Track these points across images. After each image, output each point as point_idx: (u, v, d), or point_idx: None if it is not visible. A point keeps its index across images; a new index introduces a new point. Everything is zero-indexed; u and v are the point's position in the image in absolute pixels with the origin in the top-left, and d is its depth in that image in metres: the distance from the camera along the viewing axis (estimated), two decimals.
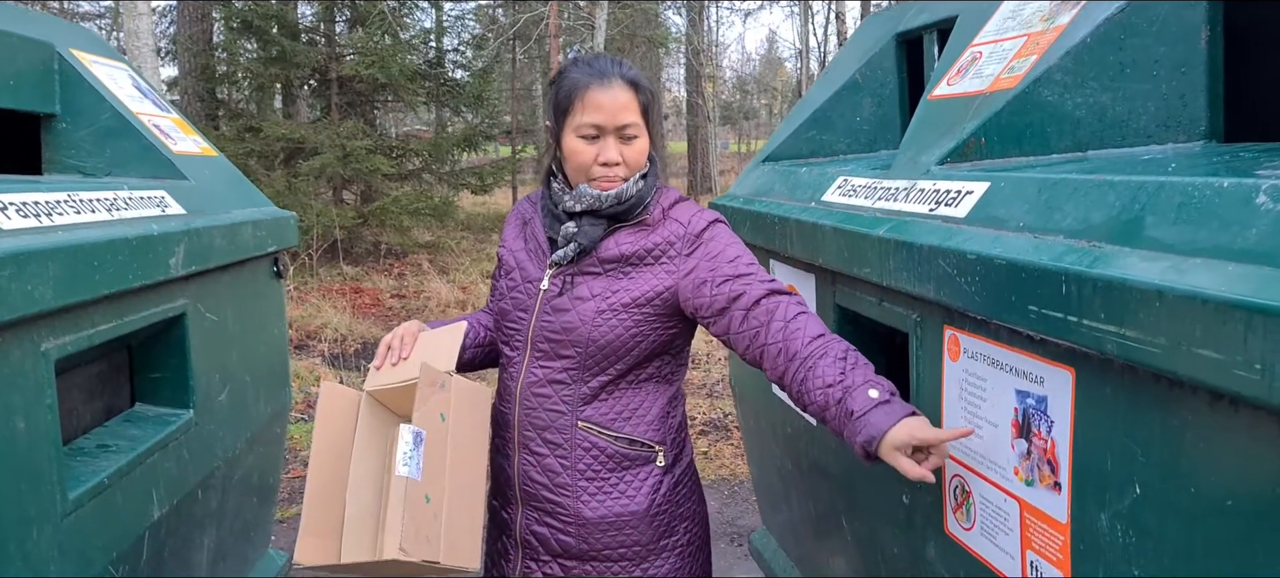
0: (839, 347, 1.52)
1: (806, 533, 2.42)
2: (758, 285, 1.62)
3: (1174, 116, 1.49)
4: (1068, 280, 1.10)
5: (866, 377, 1.46)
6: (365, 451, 1.67)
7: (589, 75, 1.69)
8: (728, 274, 1.64)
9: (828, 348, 1.51)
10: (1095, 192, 1.20)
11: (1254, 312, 0.83)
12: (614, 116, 1.66)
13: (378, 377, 1.77)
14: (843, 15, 16.47)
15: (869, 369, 1.49)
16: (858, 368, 1.48)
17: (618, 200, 1.69)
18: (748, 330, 1.60)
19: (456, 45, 15.60)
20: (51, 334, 1.49)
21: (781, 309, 1.58)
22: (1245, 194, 0.97)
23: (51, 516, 1.47)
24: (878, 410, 1.41)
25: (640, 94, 1.70)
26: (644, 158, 1.73)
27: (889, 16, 2.64)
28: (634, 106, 1.69)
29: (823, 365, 1.49)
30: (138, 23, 5.84)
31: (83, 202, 1.70)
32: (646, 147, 1.73)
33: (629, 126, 1.68)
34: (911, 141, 1.83)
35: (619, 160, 1.68)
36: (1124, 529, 1.09)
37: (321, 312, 8.18)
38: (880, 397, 1.42)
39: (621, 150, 1.68)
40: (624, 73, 1.71)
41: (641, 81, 1.72)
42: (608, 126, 1.67)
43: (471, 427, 1.71)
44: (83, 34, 2.47)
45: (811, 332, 1.54)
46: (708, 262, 1.66)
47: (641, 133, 1.71)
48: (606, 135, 1.67)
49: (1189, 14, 1.47)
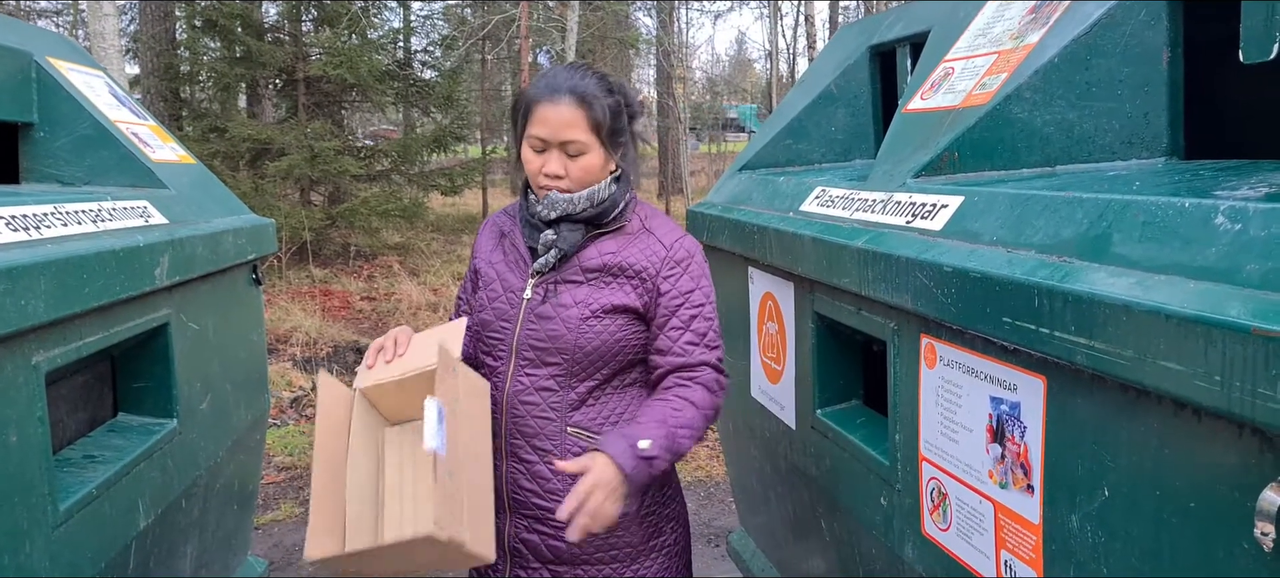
0: (679, 405, 1.66)
1: (785, 534, 2.47)
2: (700, 355, 1.71)
3: (1138, 134, 1.55)
4: (1040, 294, 1.16)
5: (659, 432, 1.60)
6: (360, 451, 1.67)
7: (541, 89, 1.72)
8: (684, 325, 1.72)
9: (672, 398, 1.67)
10: (1065, 208, 1.26)
11: (1213, 327, 0.89)
12: (557, 132, 1.68)
13: (371, 374, 1.75)
14: (812, 17, 16.62)
15: (676, 435, 1.62)
16: (666, 424, 1.62)
17: (590, 202, 1.71)
18: (659, 368, 1.73)
19: (425, 45, 15.52)
20: (42, 347, 1.49)
21: (689, 390, 1.68)
22: (1205, 214, 1.03)
23: (43, 527, 1.48)
24: (622, 442, 1.57)
25: (590, 110, 1.68)
26: (594, 173, 1.72)
27: (862, 28, 2.70)
28: (580, 123, 1.68)
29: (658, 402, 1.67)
30: (103, 24, 5.75)
31: (68, 214, 1.70)
32: (597, 162, 1.71)
33: (571, 143, 1.68)
34: (887, 154, 1.89)
35: (561, 173, 1.69)
36: (1094, 530, 1.15)
37: (291, 315, 8.11)
38: (646, 450, 1.57)
39: (566, 165, 1.70)
40: (575, 88, 1.69)
41: (592, 96, 1.69)
42: (551, 141, 1.69)
43: (480, 417, 1.71)
44: (60, 42, 2.46)
45: (685, 399, 1.67)
46: (680, 299, 1.72)
47: (589, 149, 1.69)
48: (551, 149, 1.70)
49: (1151, 35, 1.54)
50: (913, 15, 2.37)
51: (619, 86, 1.79)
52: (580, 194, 1.71)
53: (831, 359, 2.02)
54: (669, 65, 18.13)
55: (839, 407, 2.03)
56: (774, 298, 2.23)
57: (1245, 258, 0.94)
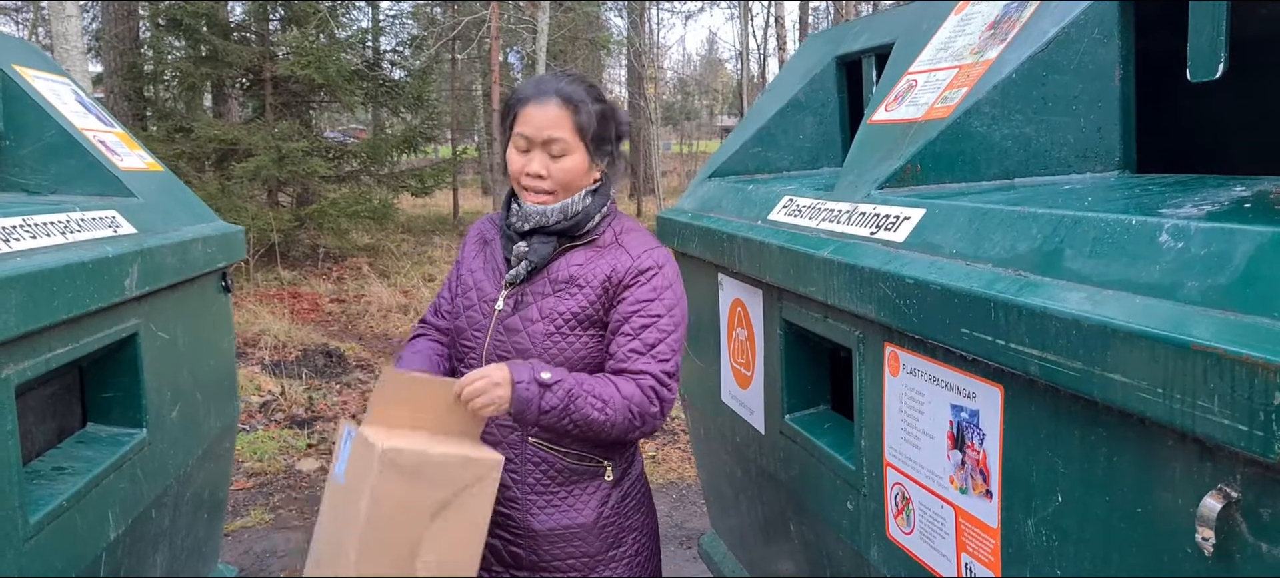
0: (601, 379, 1.69)
1: (755, 537, 2.51)
2: (642, 364, 1.69)
3: (1091, 148, 1.61)
4: (996, 307, 1.20)
5: (567, 379, 1.64)
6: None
7: (529, 90, 1.76)
8: (634, 333, 1.71)
9: (599, 376, 1.71)
10: (1021, 223, 1.31)
11: (1156, 342, 0.94)
12: (540, 131, 1.71)
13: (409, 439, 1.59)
14: (782, 19, 16.75)
15: (584, 393, 1.64)
16: (579, 380, 1.65)
17: (563, 215, 1.74)
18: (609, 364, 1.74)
19: (394, 45, 15.43)
20: (11, 360, 1.49)
21: (619, 380, 1.69)
22: (1150, 232, 1.08)
23: (14, 540, 1.47)
24: (527, 364, 1.64)
25: (577, 112, 1.72)
26: (576, 176, 1.74)
27: (829, 38, 2.75)
28: (565, 123, 1.71)
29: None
30: (66, 25, 5.65)
31: (37, 225, 1.69)
32: (580, 165, 1.74)
33: (555, 142, 1.71)
34: (852, 165, 1.93)
35: (544, 173, 1.72)
36: (1048, 534, 1.19)
37: (259, 318, 8.04)
38: (545, 378, 1.62)
39: (548, 165, 1.72)
40: (561, 89, 1.73)
41: (579, 100, 1.73)
42: (535, 139, 1.72)
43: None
44: (25, 49, 2.43)
45: (609, 381, 1.69)
46: (634, 306, 1.71)
47: (572, 150, 1.73)
48: (534, 148, 1.72)
49: (1104, 53, 1.59)
50: (877, 27, 2.42)
51: (610, 100, 1.83)
52: (554, 206, 1.73)
53: (799, 366, 2.06)
54: (640, 66, 18.17)
55: (807, 412, 2.07)
56: (743, 305, 2.26)
57: (1187, 275, 0.98)
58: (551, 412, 1.61)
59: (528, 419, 1.63)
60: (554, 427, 1.65)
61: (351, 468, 1.58)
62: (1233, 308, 0.90)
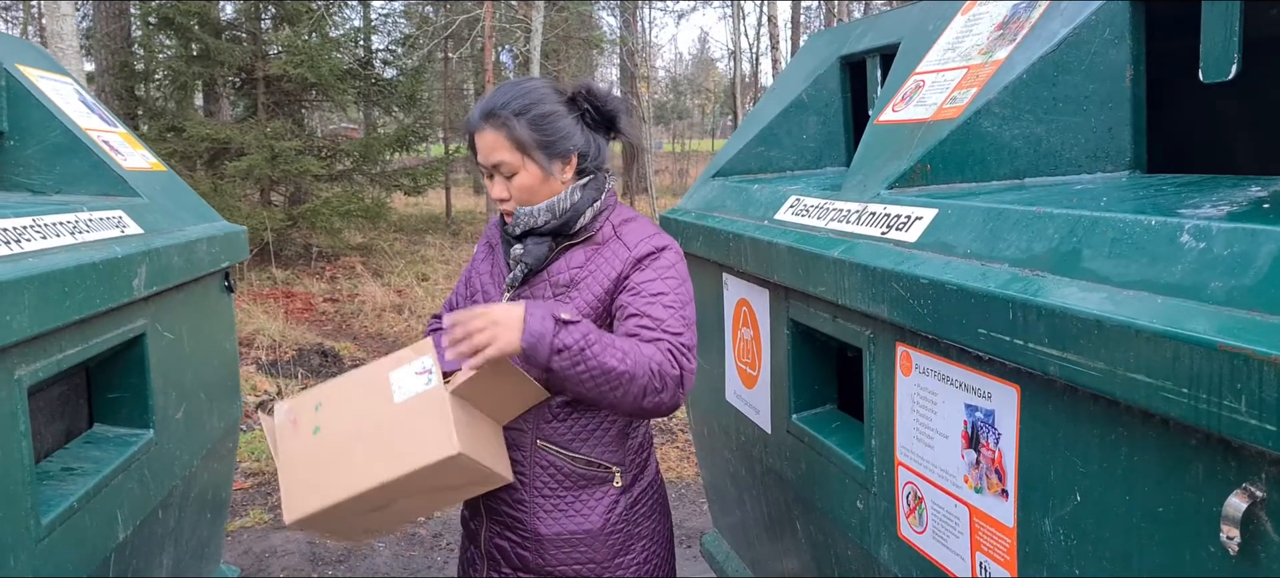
0: (619, 336, 1.59)
1: (759, 535, 2.51)
2: (652, 336, 1.61)
3: (1103, 148, 1.62)
4: (1013, 307, 1.21)
5: (586, 325, 1.53)
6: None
7: (471, 116, 1.75)
8: (638, 312, 1.64)
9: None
10: (1036, 223, 1.31)
11: (1181, 342, 0.94)
12: (485, 158, 1.72)
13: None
14: (774, 18, 16.75)
15: (605, 341, 1.53)
16: (599, 331, 1.54)
17: (551, 214, 1.71)
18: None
19: (387, 44, 15.39)
20: (24, 361, 1.48)
21: (639, 338, 1.60)
22: (1171, 232, 1.08)
23: (26, 541, 1.47)
24: (545, 305, 1.54)
25: (508, 129, 1.67)
26: (532, 191, 1.71)
27: (832, 38, 2.75)
28: (501, 145, 1.68)
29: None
30: (61, 24, 5.62)
31: (47, 226, 1.68)
32: (533, 178, 1.70)
33: (500, 165, 1.70)
34: (860, 165, 1.94)
35: (505, 196, 1.72)
36: (1066, 533, 1.20)
37: (253, 317, 8.01)
38: (565, 316, 1.51)
39: (506, 187, 1.72)
40: (487, 109, 1.69)
41: (505, 116, 1.68)
42: (486, 166, 1.73)
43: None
44: (28, 49, 2.42)
45: (629, 336, 1.60)
46: (633, 293, 1.66)
47: (519, 168, 1.69)
48: (493, 173, 1.73)
49: (1115, 54, 1.60)
50: (882, 27, 2.42)
51: (554, 92, 1.74)
52: (540, 206, 1.71)
53: (807, 365, 2.06)
54: (632, 65, 18.17)
55: (814, 411, 2.07)
56: (749, 304, 2.27)
57: (1210, 276, 0.99)
58: (566, 352, 1.48)
59: (540, 357, 1.49)
60: (568, 375, 1.50)
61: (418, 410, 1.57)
62: (1259, 308, 0.91)
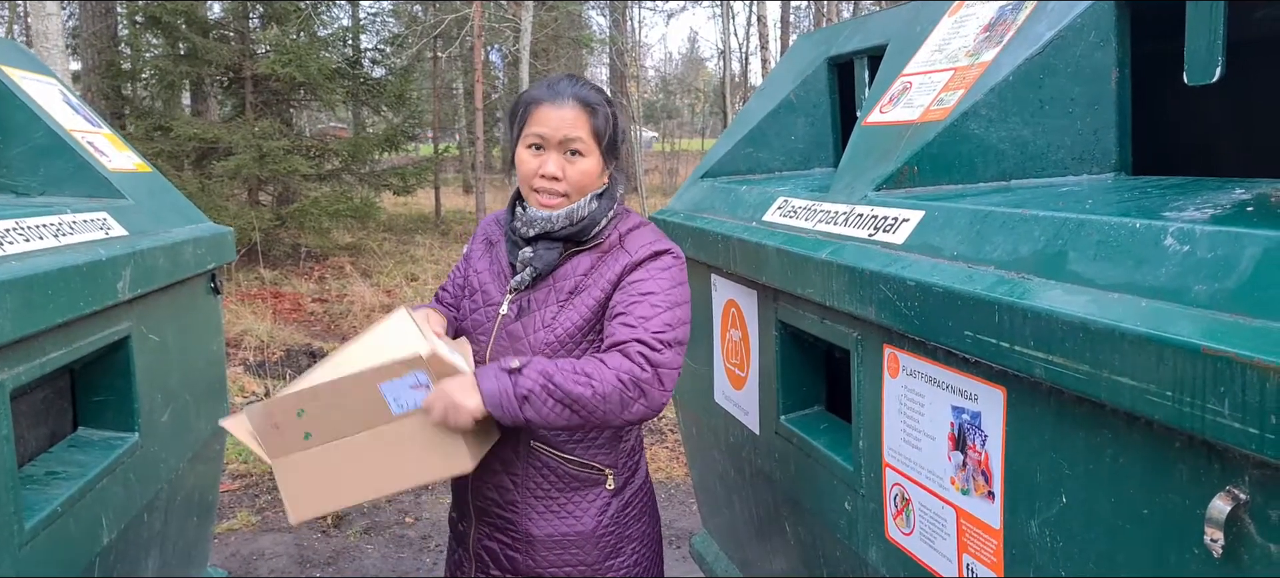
0: (576, 360, 1.61)
1: (748, 536, 2.52)
2: (627, 333, 1.61)
3: (1088, 150, 1.62)
4: (999, 310, 1.21)
5: (537, 362, 1.58)
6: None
7: (543, 92, 1.74)
8: (624, 310, 1.64)
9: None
10: (1022, 225, 1.32)
11: (1165, 345, 0.95)
12: (558, 130, 1.69)
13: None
14: (764, 17, 16.78)
15: (559, 371, 1.56)
16: (551, 362, 1.58)
17: (569, 221, 1.72)
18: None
19: (376, 44, 15.34)
20: (7, 364, 1.47)
21: (603, 355, 1.61)
22: (1156, 235, 1.09)
23: (10, 546, 1.46)
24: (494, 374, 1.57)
25: (594, 116, 1.71)
26: (589, 179, 1.73)
27: (820, 39, 2.76)
28: (582, 124, 1.70)
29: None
30: (46, 23, 5.57)
31: (30, 228, 1.67)
32: (594, 168, 1.73)
33: (574, 142, 1.70)
34: (848, 167, 1.94)
35: (559, 175, 1.70)
36: (1052, 535, 1.21)
37: (241, 318, 7.97)
38: (512, 365, 1.57)
39: (564, 166, 1.70)
40: (578, 92, 1.72)
41: (596, 104, 1.73)
42: (551, 139, 1.69)
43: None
44: (11, 49, 2.40)
45: (591, 357, 1.62)
46: (624, 293, 1.67)
47: (589, 152, 1.71)
48: (549, 149, 1.70)
49: (1100, 56, 1.61)
50: (870, 28, 2.43)
51: (616, 106, 1.82)
52: (560, 212, 1.71)
53: (795, 366, 2.07)
54: (622, 64, 18.17)
55: (802, 413, 2.07)
56: (737, 305, 2.27)
57: (1194, 279, 1.00)
58: (532, 397, 1.53)
59: (508, 413, 1.53)
60: (544, 417, 1.54)
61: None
62: (1242, 311, 0.92)
